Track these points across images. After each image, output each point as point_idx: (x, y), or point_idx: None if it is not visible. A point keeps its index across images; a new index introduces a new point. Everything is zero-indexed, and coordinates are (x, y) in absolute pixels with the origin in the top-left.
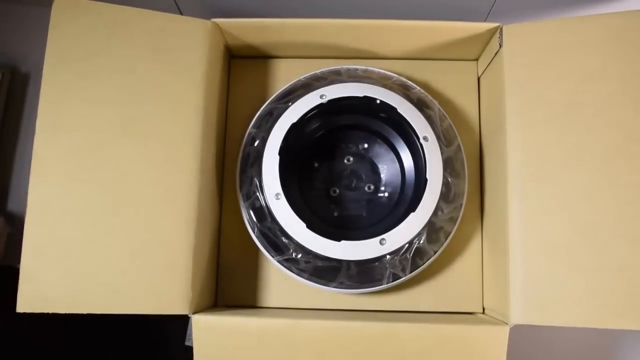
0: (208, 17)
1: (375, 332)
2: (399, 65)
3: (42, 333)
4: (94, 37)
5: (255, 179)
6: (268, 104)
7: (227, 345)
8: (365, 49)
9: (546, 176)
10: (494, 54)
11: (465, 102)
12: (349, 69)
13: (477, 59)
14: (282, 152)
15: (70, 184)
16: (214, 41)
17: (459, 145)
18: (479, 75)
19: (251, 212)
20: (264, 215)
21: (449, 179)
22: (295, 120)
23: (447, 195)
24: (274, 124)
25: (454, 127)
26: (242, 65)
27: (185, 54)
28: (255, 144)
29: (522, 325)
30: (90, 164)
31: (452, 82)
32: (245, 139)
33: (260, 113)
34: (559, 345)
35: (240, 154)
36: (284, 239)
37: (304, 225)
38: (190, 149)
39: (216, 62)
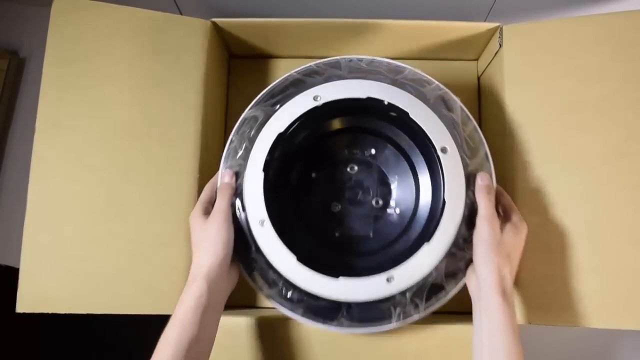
0: (208, 17)
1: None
2: None
3: (41, 333)
4: (94, 37)
5: (237, 198)
6: (253, 105)
7: (227, 345)
8: (365, 49)
9: (546, 176)
10: (494, 54)
11: (465, 102)
12: (350, 60)
13: (477, 59)
14: (267, 167)
15: (70, 184)
16: (214, 41)
17: (485, 154)
18: (479, 75)
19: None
20: (247, 243)
21: (474, 199)
22: (282, 130)
23: (470, 218)
24: (258, 133)
25: (479, 131)
26: (242, 65)
27: (185, 54)
28: (238, 155)
29: (522, 325)
30: (90, 164)
31: (452, 82)
32: (226, 149)
33: (244, 117)
34: (559, 345)
35: (221, 167)
36: (271, 272)
37: (293, 258)
38: (190, 149)
39: (216, 61)
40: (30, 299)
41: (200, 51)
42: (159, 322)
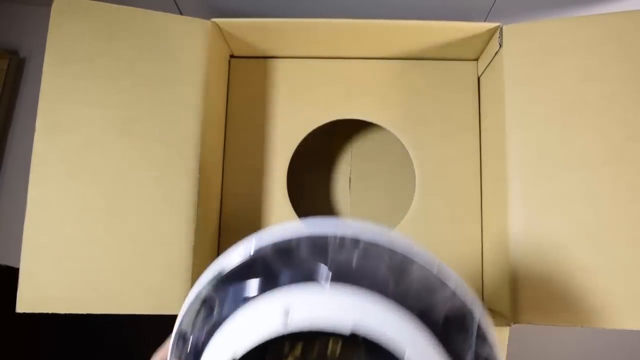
0: (208, 17)
1: None
2: (399, 65)
3: (41, 333)
4: (94, 37)
5: None
6: (210, 280)
7: None
8: (365, 49)
9: (546, 176)
10: (494, 54)
11: (465, 102)
12: (343, 242)
13: (477, 59)
14: None
15: (70, 184)
16: (214, 41)
17: None
18: (479, 75)
19: None
20: None
21: None
22: (237, 356)
23: None
24: (211, 335)
25: (495, 355)
26: (242, 65)
27: (185, 54)
28: (188, 346)
29: (522, 325)
30: (90, 164)
31: (452, 82)
32: (175, 328)
33: (197, 295)
34: (559, 345)
35: (169, 352)
36: None
37: None
38: (190, 149)
39: (216, 61)
40: (30, 299)
41: (200, 51)
42: (159, 322)
